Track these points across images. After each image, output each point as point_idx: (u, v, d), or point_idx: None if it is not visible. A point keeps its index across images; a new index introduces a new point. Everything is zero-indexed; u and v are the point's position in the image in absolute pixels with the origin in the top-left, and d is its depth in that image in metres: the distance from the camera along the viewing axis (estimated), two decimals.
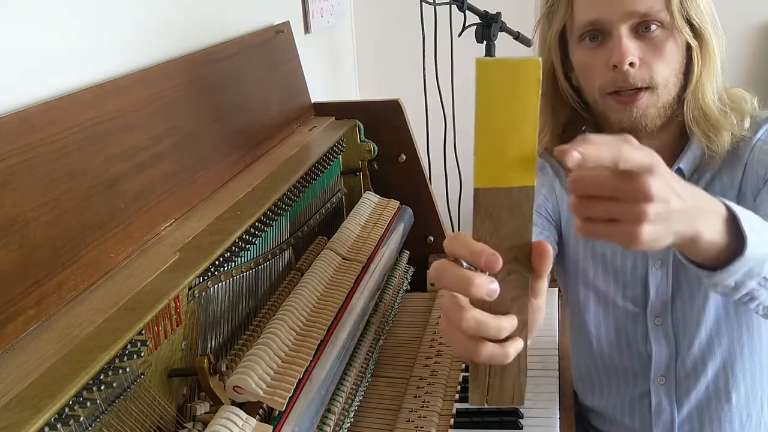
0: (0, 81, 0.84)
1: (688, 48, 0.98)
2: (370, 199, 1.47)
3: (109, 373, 0.71)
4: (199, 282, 0.91)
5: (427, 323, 1.41)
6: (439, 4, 1.93)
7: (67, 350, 0.69)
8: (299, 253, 1.26)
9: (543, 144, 1.07)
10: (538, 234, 1.09)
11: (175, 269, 0.86)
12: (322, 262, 1.18)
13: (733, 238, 0.67)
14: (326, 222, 1.40)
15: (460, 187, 2.22)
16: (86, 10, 1.00)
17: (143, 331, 0.77)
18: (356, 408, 1.12)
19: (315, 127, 1.50)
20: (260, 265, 1.08)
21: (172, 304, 0.83)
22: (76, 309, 0.77)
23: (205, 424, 0.80)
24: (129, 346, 0.73)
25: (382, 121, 1.55)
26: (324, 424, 0.98)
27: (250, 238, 1.02)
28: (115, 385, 0.72)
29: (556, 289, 1.39)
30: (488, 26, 1.85)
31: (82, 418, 0.66)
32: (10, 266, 0.72)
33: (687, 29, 0.96)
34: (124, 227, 0.90)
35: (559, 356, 1.30)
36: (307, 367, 0.93)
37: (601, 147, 0.54)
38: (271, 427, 0.83)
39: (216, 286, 0.95)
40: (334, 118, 1.56)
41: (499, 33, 1.87)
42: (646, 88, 0.97)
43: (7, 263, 0.72)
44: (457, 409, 1.16)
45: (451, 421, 1.13)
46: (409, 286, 1.53)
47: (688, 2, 0.95)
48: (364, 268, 1.23)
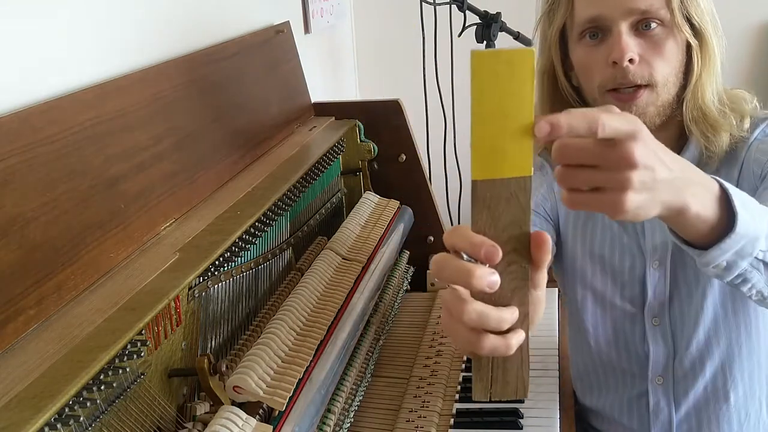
0: (0, 81, 0.84)
1: (688, 47, 0.98)
2: (370, 199, 1.47)
3: (109, 373, 0.71)
4: (199, 282, 0.91)
5: (427, 323, 1.41)
6: (439, 4, 1.93)
7: (67, 350, 0.69)
8: (299, 253, 1.26)
9: (542, 143, 1.07)
10: None
11: (175, 269, 0.86)
12: (322, 262, 1.18)
13: (725, 216, 0.67)
14: (326, 222, 1.40)
15: (460, 187, 2.22)
16: (86, 10, 1.00)
17: (143, 331, 0.77)
18: (356, 408, 1.12)
19: (315, 127, 1.50)
20: (260, 265, 1.08)
21: (172, 304, 0.83)
22: (76, 309, 0.77)
23: (205, 424, 0.80)
24: (129, 346, 0.73)
25: (382, 121, 1.55)
26: (324, 424, 0.98)
27: (250, 238, 1.02)
28: (115, 385, 0.72)
29: (556, 289, 1.39)
30: (488, 26, 1.85)
31: (82, 418, 0.66)
32: (10, 266, 0.72)
33: (687, 28, 0.96)
34: (124, 227, 0.90)
35: (558, 356, 1.30)
36: (307, 367, 0.93)
37: (576, 116, 0.53)
38: (271, 427, 0.83)
39: (216, 286, 0.95)
40: (334, 118, 1.56)
41: (499, 33, 1.87)
42: (646, 86, 0.97)
43: (7, 263, 0.72)
44: (457, 409, 1.16)
45: (451, 421, 1.13)
46: (409, 286, 1.53)
47: (689, 1, 0.95)
48: (364, 268, 1.23)
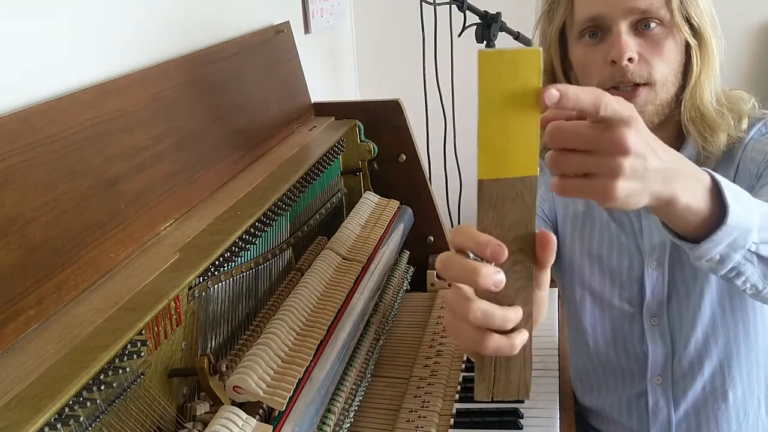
0: (0, 81, 0.84)
1: (687, 48, 0.98)
2: (370, 199, 1.47)
3: (109, 373, 0.71)
4: (199, 282, 0.91)
5: (427, 323, 1.41)
6: (439, 4, 1.93)
7: (67, 350, 0.69)
8: (299, 253, 1.26)
9: (541, 143, 1.07)
10: None
11: (175, 269, 0.86)
12: (322, 262, 1.18)
13: (717, 208, 0.67)
14: (326, 222, 1.40)
15: (460, 187, 2.22)
16: (86, 10, 1.00)
17: (143, 331, 0.77)
18: (356, 408, 1.12)
19: (315, 127, 1.50)
20: (260, 265, 1.08)
21: (172, 304, 0.83)
22: (76, 309, 0.77)
23: (205, 424, 0.80)
24: (129, 346, 0.73)
25: (382, 121, 1.55)
26: (324, 424, 0.98)
27: (250, 238, 1.02)
28: (115, 385, 0.72)
29: (556, 289, 1.39)
30: (488, 26, 1.85)
31: (82, 418, 0.66)
32: (10, 266, 0.72)
33: (686, 28, 0.96)
34: (124, 227, 0.90)
35: (558, 356, 1.30)
36: (307, 367, 0.93)
37: (584, 90, 0.53)
38: (271, 427, 0.83)
39: (216, 286, 0.95)
40: (334, 118, 1.56)
41: (499, 33, 1.87)
42: (645, 84, 0.97)
43: (7, 263, 0.72)
44: (457, 409, 1.16)
45: (451, 421, 1.13)
46: (409, 286, 1.53)
47: (688, 1, 0.95)
48: (364, 268, 1.23)
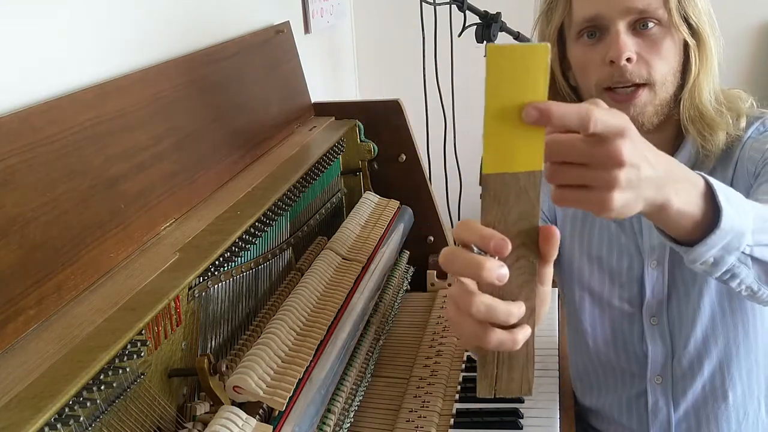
0: (0, 81, 0.84)
1: (686, 47, 0.98)
2: (370, 199, 1.47)
3: (109, 373, 0.71)
4: (199, 282, 0.91)
5: (427, 323, 1.41)
6: (439, 4, 1.93)
7: (67, 350, 0.69)
8: (299, 253, 1.26)
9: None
10: None
11: (175, 269, 0.86)
12: (322, 262, 1.18)
13: (711, 211, 0.67)
14: (326, 222, 1.40)
15: (460, 187, 2.22)
16: (86, 10, 1.00)
17: (143, 331, 0.77)
18: (356, 408, 1.12)
19: (315, 127, 1.50)
20: (260, 265, 1.08)
21: (172, 304, 0.83)
22: (76, 309, 0.77)
23: (205, 424, 0.80)
24: (129, 346, 0.73)
25: (382, 121, 1.55)
26: (324, 424, 0.98)
27: (250, 238, 1.02)
28: (115, 385, 0.72)
29: (556, 290, 1.39)
30: (488, 26, 1.85)
31: (82, 418, 0.66)
32: (10, 266, 0.72)
33: (684, 28, 0.96)
34: (124, 227, 0.90)
35: (558, 356, 1.30)
36: (307, 367, 0.93)
37: (568, 108, 0.53)
38: (271, 427, 0.83)
39: (216, 286, 0.95)
40: (334, 118, 1.56)
41: (499, 33, 1.87)
42: (644, 85, 0.97)
43: (7, 263, 0.72)
44: (457, 409, 1.16)
45: (451, 421, 1.13)
46: (409, 286, 1.53)
47: (686, 1, 0.95)
48: (364, 268, 1.23)
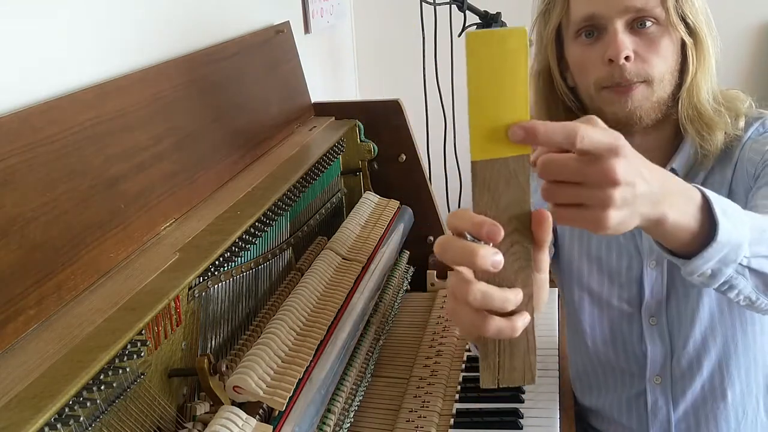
0: (0, 81, 0.84)
1: (683, 46, 0.99)
2: (370, 199, 1.47)
3: (109, 373, 0.71)
4: (199, 282, 0.91)
5: (427, 323, 1.41)
6: (439, 4, 1.93)
7: (67, 350, 0.69)
8: (299, 253, 1.26)
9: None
10: None
11: (175, 269, 0.86)
12: (322, 262, 1.18)
13: (707, 224, 0.66)
14: (326, 222, 1.40)
15: (460, 187, 2.22)
16: (86, 10, 1.00)
17: (143, 331, 0.77)
18: (356, 408, 1.12)
19: (315, 127, 1.50)
20: (260, 265, 1.08)
21: (172, 304, 0.83)
22: (76, 309, 0.77)
23: (205, 424, 0.80)
24: (129, 346, 0.73)
25: (382, 121, 1.55)
26: (324, 424, 0.98)
27: (250, 238, 1.02)
28: (115, 385, 0.72)
29: (556, 290, 1.39)
30: (488, 26, 1.85)
31: (82, 418, 0.66)
32: (10, 266, 0.72)
33: (682, 27, 0.97)
34: (124, 227, 0.90)
35: (558, 356, 1.30)
36: (307, 367, 0.93)
37: (553, 125, 0.53)
38: (271, 427, 0.83)
39: (216, 286, 0.95)
40: (334, 118, 1.56)
41: None
42: (642, 82, 0.97)
43: (7, 263, 0.72)
44: (457, 409, 1.16)
45: (451, 421, 1.13)
46: (409, 286, 1.53)
47: (683, 0, 0.96)
48: (364, 268, 1.23)
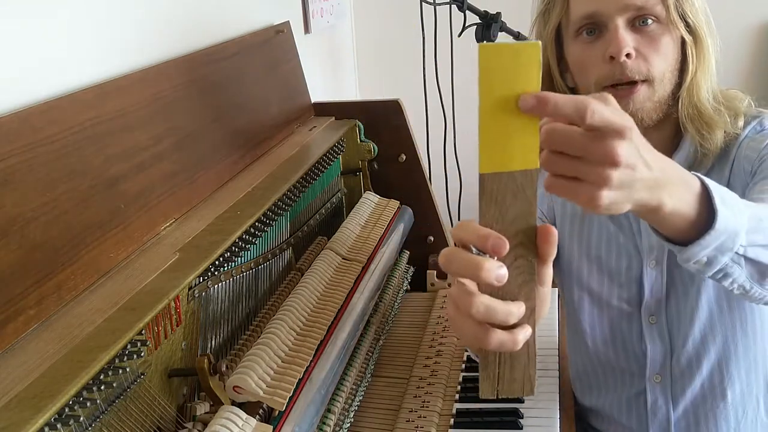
0: (0, 81, 0.84)
1: (683, 46, 0.99)
2: (370, 199, 1.47)
3: (109, 373, 0.71)
4: (199, 282, 0.91)
5: (427, 323, 1.41)
6: (439, 4, 1.93)
7: (67, 350, 0.69)
8: (299, 253, 1.26)
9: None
10: None
11: (175, 269, 0.86)
12: (322, 262, 1.18)
13: (705, 212, 0.67)
14: (326, 222, 1.40)
15: (460, 187, 2.22)
16: (86, 10, 1.00)
17: (143, 331, 0.77)
18: (356, 408, 1.12)
19: (315, 127, 1.50)
20: (260, 265, 1.08)
21: (172, 304, 0.83)
22: (76, 309, 0.77)
23: (205, 424, 0.80)
24: (129, 346, 0.73)
25: (382, 121, 1.55)
26: (324, 424, 0.98)
27: (250, 238, 1.02)
28: (115, 385, 0.72)
29: (556, 290, 1.39)
30: (488, 26, 1.85)
31: (82, 418, 0.66)
32: (10, 266, 0.72)
33: (682, 25, 0.97)
34: (124, 227, 0.90)
35: (558, 356, 1.30)
36: (307, 367, 0.93)
37: (565, 97, 0.53)
38: (271, 427, 0.83)
39: (216, 286, 0.95)
40: (334, 118, 1.56)
41: (499, 33, 1.87)
42: (643, 81, 0.97)
43: (7, 263, 0.72)
44: (457, 409, 1.16)
45: (451, 421, 1.13)
46: (409, 286, 1.53)
47: None
48: (364, 268, 1.23)
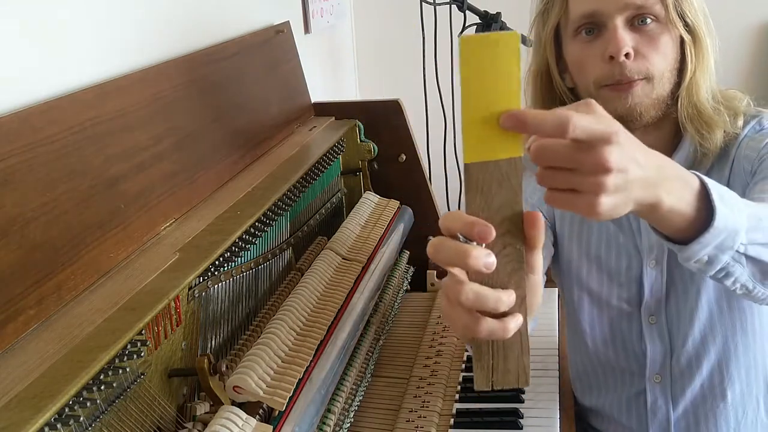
0: (0, 81, 0.84)
1: (682, 44, 0.99)
2: (370, 199, 1.47)
3: (109, 373, 0.71)
4: (199, 282, 0.91)
5: (427, 323, 1.41)
6: (439, 4, 1.93)
7: (67, 350, 0.69)
8: (299, 253, 1.26)
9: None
10: None
11: (175, 269, 0.86)
12: (322, 262, 1.18)
13: (704, 210, 0.67)
14: (326, 222, 1.40)
15: (460, 187, 2.22)
16: (86, 10, 1.00)
17: (143, 331, 0.77)
18: (356, 408, 1.12)
19: (315, 127, 1.50)
20: (260, 265, 1.08)
21: (172, 304, 0.83)
22: (76, 309, 0.77)
23: (205, 424, 0.80)
24: (129, 346, 0.73)
25: (382, 121, 1.55)
26: (324, 424, 0.98)
27: (250, 238, 1.02)
28: (115, 385, 0.72)
29: (556, 290, 1.39)
30: (488, 26, 1.85)
31: (82, 418, 0.66)
32: (10, 266, 0.72)
33: (681, 24, 0.97)
34: (124, 227, 0.90)
35: (558, 356, 1.30)
36: (307, 367, 0.93)
37: (544, 114, 0.53)
38: (271, 427, 0.83)
39: (216, 286, 0.95)
40: (334, 118, 1.56)
41: None
42: (643, 79, 0.97)
43: (7, 263, 0.72)
44: (457, 409, 1.16)
45: (451, 421, 1.13)
46: (409, 286, 1.53)
47: None
48: (364, 268, 1.23)
